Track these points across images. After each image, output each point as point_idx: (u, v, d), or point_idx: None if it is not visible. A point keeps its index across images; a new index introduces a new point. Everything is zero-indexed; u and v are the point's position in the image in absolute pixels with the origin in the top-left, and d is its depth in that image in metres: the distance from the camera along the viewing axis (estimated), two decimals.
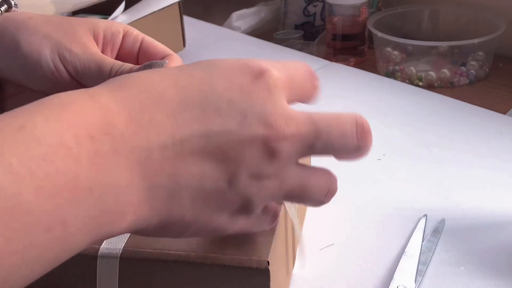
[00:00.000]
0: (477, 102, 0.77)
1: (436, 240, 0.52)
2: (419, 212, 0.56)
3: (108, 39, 0.48)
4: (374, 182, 0.62)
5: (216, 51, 0.99)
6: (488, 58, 0.90)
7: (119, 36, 0.48)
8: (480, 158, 0.65)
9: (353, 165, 0.65)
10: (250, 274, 0.39)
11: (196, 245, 0.40)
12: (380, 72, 0.93)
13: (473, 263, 0.50)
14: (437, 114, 0.75)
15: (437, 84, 0.88)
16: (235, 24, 1.12)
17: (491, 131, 0.70)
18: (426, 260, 0.50)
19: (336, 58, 0.98)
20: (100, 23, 0.48)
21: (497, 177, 0.61)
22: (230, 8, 1.16)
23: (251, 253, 0.39)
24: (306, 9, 1.12)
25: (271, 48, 1.00)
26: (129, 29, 0.49)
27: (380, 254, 0.51)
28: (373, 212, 0.57)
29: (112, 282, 0.40)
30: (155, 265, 0.40)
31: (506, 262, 0.50)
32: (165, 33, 0.91)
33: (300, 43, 1.06)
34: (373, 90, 0.82)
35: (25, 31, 0.45)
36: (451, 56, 0.89)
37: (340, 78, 0.86)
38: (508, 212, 0.56)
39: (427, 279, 0.48)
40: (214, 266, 0.39)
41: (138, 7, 0.83)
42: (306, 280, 0.49)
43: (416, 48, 0.90)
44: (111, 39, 0.48)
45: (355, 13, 0.97)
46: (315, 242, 0.53)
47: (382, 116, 0.75)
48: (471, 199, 0.58)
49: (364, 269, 0.50)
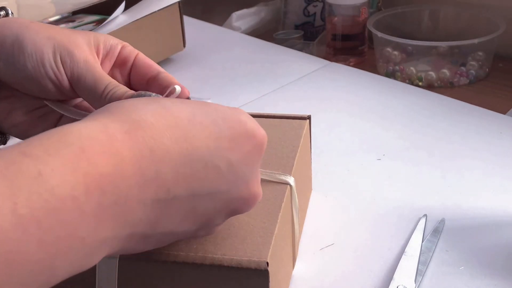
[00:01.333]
0: (477, 102, 0.77)
1: (436, 240, 0.52)
2: (419, 212, 0.56)
3: (107, 51, 0.48)
4: (374, 182, 0.62)
5: (216, 51, 0.99)
6: (488, 58, 0.90)
7: (117, 48, 0.48)
8: (480, 158, 0.65)
9: (353, 165, 0.65)
10: (249, 275, 0.39)
11: (196, 245, 0.40)
12: (380, 72, 0.93)
13: (473, 263, 0.50)
14: (437, 114, 0.75)
15: (437, 84, 0.88)
16: (235, 24, 1.12)
17: (491, 131, 0.70)
18: (426, 260, 0.50)
19: (336, 58, 0.98)
20: (99, 35, 0.48)
21: (497, 177, 0.61)
22: (230, 8, 1.17)
23: (250, 254, 0.39)
24: (306, 9, 1.12)
25: (271, 48, 1.00)
26: (125, 44, 0.49)
27: (380, 254, 0.51)
28: (373, 212, 0.57)
29: (111, 282, 0.40)
30: (154, 265, 0.40)
31: (506, 262, 0.50)
32: (165, 33, 0.91)
33: (300, 43, 1.06)
34: (373, 90, 0.82)
35: (29, 32, 0.45)
36: (451, 56, 0.89)
37: (340, 78, 0.86)
38: (508, 212, 0.56)
39: (427, 279, 0.48)
40: (213, 267, 0.39)
41: (138, 7, 0.83)
42: (306, 280, 0.49)
43: (416, 48, 0.90)
44: (110, 51, 0.48)
45: (355, 13, 0.97)
46: (315, 242, 0.53)
47: (382, 116, 0.75)
48: (471, 199, 0.58)
49: (364, 269, 0.50)
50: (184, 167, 0.34)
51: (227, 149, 0.35)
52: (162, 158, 0.33)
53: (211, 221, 0.37)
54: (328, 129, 0.72)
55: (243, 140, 0.36)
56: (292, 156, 0.50)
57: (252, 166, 0.37)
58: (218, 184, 0.35)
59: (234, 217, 0.43)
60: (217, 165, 0.35)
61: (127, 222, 0.32)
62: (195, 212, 0.35)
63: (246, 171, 0.37)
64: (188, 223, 0.36)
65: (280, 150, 0.51)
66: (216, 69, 0.93)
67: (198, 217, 0.36)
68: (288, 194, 0.46)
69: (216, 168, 0.35)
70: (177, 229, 0.36)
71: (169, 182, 0.33)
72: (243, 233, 0.41)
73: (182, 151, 0.34)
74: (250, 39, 1.06)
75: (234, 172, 0.36)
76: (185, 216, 0.35)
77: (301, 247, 0.52)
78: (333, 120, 0.75)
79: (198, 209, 0.35)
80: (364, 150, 0.68)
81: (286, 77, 0.87)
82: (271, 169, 0.48)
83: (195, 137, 0.34)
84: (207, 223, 0.37)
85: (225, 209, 0.37)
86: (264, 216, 0.43)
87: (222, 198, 0.36)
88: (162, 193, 0.33)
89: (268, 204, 0.44)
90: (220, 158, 0.35)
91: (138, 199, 0.32)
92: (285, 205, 0.45)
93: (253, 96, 0.82)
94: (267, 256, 0.39)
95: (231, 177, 0.36)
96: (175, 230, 0.35)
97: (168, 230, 0.35)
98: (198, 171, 0.34)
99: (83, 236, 0.29)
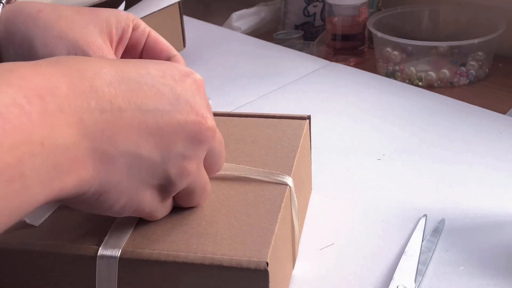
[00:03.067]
0: (477, 102, 0.77)
1: (436, 240, 0.52)
2: (419, 212, 0.56)
3: (119, 35, 0.49)
4: (374, 182, 0.62)
5: (216, 51, 0.99)
6: (488, 58, 0.90)
7: (128, 30, 0.49)
8: (480, 158, 0.65)
9: (353, 165, 0.65)
10: (249, 275, 0.39)
11: (195, 245, 0.40)
12: (380, 72, 0.93)
13: (473, 263, 0.50)
14: (437, 114, 0.75)
15: (437, 84, 0.88)
16: (235, 24, 1.12)
17: (491, 131, 0.70)
18: (426, 260, 0.50)
19: (336, 58, 0.98)
20: (111, 18, 0.48)
21: (497, 177, 0.61)
22: (230, 8, 1.17)
23: (250, 254, 0.39)
24: (306, 9, 1.12)
25: (271, 48, 1.00)
26: (137, 22, 0.50)
27: (380, 254, 0.51)
28: (373, 212, 0.57)
29: (111, 282, 0.40)
30: (154, 265, 0.40)
31: (506, 262, 0.50)
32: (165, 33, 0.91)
33: (300, 43, 1.06)
34: (373, 90, 0.82)
35: (38, 29, 0.45)
36: (451, 56, 0.89)
37: (340, 78, 0.86)
38: (508, 212, 0.56)
39: (427, 279, 0.48)
40: (213, 267, 0.39)
41: (138, 7, 0.83)
42: (306, 280, 0.49)
43: (416, 48, 0.90)
44: (123, 34, 0.49)
45: (355, 13, 0.97)
46: (315, 242, 0.53)
47: (382, 116, 0.75)
48: (471, 199, 0.58)
49: (364, 269, 0.50)
50: (119, 84, 0.35)
51: (158, 75, 0.38)
52: (92, 76, 0.35)
53: (174, 146, 0.38)
54: (328, 129, 0.72)
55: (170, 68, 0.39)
56: (292, 156, 0.50)
57: (192, 93, 0.39)
58: (160, 102, 0.37)
59: (234, 217, 0.43)
60: (153, 85, 0.37)
61: (81, 130, 0.33)
62: (149, 127, 0.36)
63: (187, 96, 0.38)
64: (148, 143, 0.36)
65: (280, 150, 0.51)
66: (216, 69, 0.93)
67: (156, 136, 0.37)
68: (287, 194, 0.46)
69: (153, 88, 0.37)
70: (140, 150, 0.36)
71: (107, 95, 0.35)
72: (242, 233, 0.41)
73: (112, 72, 0.36)
74: (250, 39, 1.06)
75: (172, 93, 0.38)
76: (140, 131, 0.36)
77: (301, 247, 0.52)
78: (333, 120, 0.75)
79: (150, 123, 0.36)
80: (364, 150, 0.68)
81: (286, 77, 0.87)
82: (271, 169, 0.48)
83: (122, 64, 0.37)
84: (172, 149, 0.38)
85: (181, 132, 0.38)
86: (264, 216, 0.43)
87: (171, 117, 0.37)
88: (104, 103, 0.34)
89: (268, 204, 0.44)
90: (153, 79, 0.37)
91: (82, 107, 0.33)
92: (285, 205, 0.45)
93: (253, 96, 0.82)
94: (267, 256, 0.39)
95: (171, 98, 0.38)
96: (138, 151, 0.36)
97: (131, 150, 0.36)
98: (135, 88, 0.36)
99: (41, 141, 0.30)
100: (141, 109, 0.36)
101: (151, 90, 0.37)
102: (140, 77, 0.37)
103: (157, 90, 0.37)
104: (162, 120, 0.37)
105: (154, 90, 0.37)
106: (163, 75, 0.38)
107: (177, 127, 0.38)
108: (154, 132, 0.37)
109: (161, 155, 0.37)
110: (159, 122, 0.37)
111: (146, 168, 0.37)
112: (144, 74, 0.37)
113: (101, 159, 0.34)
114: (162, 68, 0.39)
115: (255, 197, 0.45)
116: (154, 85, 0.37)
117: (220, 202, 0.45)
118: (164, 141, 0.37)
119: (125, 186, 0.37)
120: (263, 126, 0.55)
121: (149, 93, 0.37)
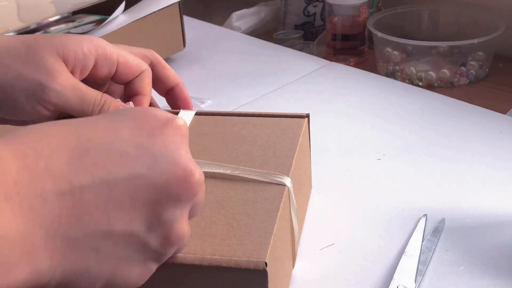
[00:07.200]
0: (477, 102, 0.77)
1: (436, 240, 0.52)
2: (419, 212, 0.56)
3: (79, 60, 0.47)
4: (374, 182, 0.62)
5: (216, 51, 0.99)
6: (488, 58, 0.89)
7: (90, 58, 0.47)
8: (480, 158, 0.64)
9: (353, 165, 0.65)
10: (248, 276, 0.38)
11: (194, 246, 0.40)
12: (380, 72, 0.93)
13: (473, 263, 0.50)
14: (437, 114, 0.74)
15: (437, 84, 0.88)
16: (235, 24, 1.12)
17: (491, 131, 0.70)
18: (426, 260, 0.50)
19: (336, 58, 0.98)
20: (69, 42, 0.47)
21: (497, 177, 0.61)
22: (230, 8, 1.16)
23: (249, 254, 0.39)
24: (306, 9, 1.11)
25: (271, 48, 1.00)
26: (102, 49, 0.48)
27: (380, 254, 0.51)
28: (373, 212, 0.57)
29: None
30: None
31: (506, 262, 0.50)
32: (165, 33, 0.91)
33: (300, 43, 1.06)
34: (373, 90, 0.82)
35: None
36: (451, 56, 0.89)
37: (340, 78, 0.86)
38: (508, 212, 0.56)
39: (427, 279, 0.48)
40: (212, 268, 0.39)
41: (138, 7, 0.83)
42: (306, 280, 0.49)
43: (416, 48, 0.90)
44: (83, 60, 0.47)
45: (355, 13, 0.97)
46: (315, 242, 0.53)
47: (382, 116, 0.75)
48: (471, 199, 0.58)
49: (364, 269, 0.50)
50: (82, 159, 0.32)
51: (132, 134, 0.34)
52: (49, 154, 0.32)
53: (157, 213, 0.34)
54: (328, 129, 0.72)
55: (145, 120, 0.35)
56: (291, 156, 0.50)
57: (175, 147, 0.35)
58: (133, 168, 0.33)
59: (233, 218, 0.43)
60: (124, 151, 0.33)
61: (33, 219, 0.30)
62: (119, 201, 0.33)
63: (168, 153, 0.34)
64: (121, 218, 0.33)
65: (278, 149, 0.51)
66: (216, 69, 0.93)
67: (130, 208, 0.33)
68: (286, 194, 0.46)
69: (124, 154, 0.33)
70: (112, 228, 0.33)
71: (66, 174, 0.31)
72: (241, 234, 0.41)
73: (74, 145, 0.33)
74: (250, 39, 1.06)
75: (149, 153, 0.34)
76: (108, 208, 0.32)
77: (301, 247, 0.52)
78: (333, 120, 0.75)
79: (121, 196, 0.33)
80: (364, 150, 0.67)
81: (286, 77, 0.87)
82: (269, 169, 0.48)
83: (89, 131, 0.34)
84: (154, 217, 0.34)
85: (163, 196, 0.34)
86: (263, 217, 0.43)
87: (148, 182, 0.33)
88: (62, 184, 0.31)
89: (267, 204, 0.44)
90: (124, 144, 0.34)
91: (34, 193, 0.30)
92: (284, 205, 0.45)
93: (253, 96, 0.82)
94: (265, 256, 0.39)
95: (148, 160, 0.34)
96: (109, 230, 0.32)
97: (98, 231, 0.32)
98: (101, 158, 0.33)
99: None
100: (108, 182, 0.32)
101: (121, 157, 0.33)
102: (109, 143, 0.33)
103: (128, 155, 0.33)
104: (137, 188, 0.33)
105: (125, 156, 0.33)
106: (138, 133, 0.34)
107: (158, 192, 0.34)
108: (128, 205, 0.33)
109: (140, 227, 0.33)
110: (133, 192, 0.33)
111: (124, 245, 0.33)
112: (113, 139, 0.34)
113: (62, 247, 0.31)
114: (138, 123, 0.35)
115: (254, 197, 0.45)
116: (126, 150, 0.33)
117: (219, 202, 0.45)
118: (143, 211, 0.33)
119: (97, 271, 0.33)
120: (262, 125, 0.55)
121: (118, 161, 0.33)
